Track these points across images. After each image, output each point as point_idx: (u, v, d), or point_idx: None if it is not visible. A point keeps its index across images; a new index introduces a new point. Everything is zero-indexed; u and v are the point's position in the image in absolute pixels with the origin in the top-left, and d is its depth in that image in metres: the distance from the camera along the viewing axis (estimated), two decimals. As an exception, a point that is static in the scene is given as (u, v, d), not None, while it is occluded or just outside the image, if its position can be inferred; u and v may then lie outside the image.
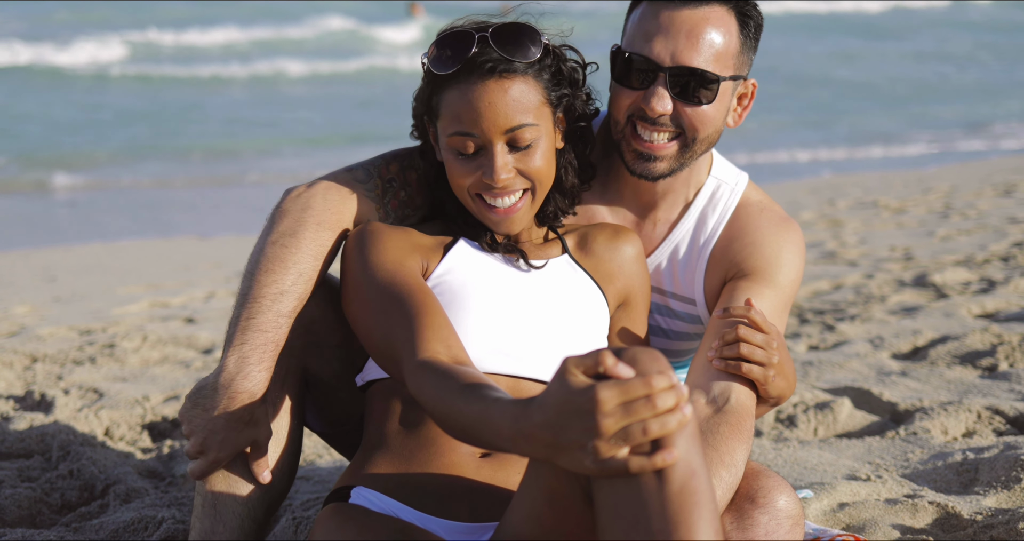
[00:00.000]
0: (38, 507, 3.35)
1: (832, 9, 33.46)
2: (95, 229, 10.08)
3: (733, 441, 2.34)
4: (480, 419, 1.93)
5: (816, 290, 6.38)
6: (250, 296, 2.44)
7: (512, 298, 2.46)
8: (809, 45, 25.48)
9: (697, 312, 2.77)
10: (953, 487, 3.24)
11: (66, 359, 5.34)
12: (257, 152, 14.12)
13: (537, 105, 2.40)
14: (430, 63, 2.41)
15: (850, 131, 15.97)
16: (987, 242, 7.47)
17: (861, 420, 3.94)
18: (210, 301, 6.98)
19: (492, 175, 2.38)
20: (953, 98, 18.93)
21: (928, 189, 10.86)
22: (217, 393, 2.38)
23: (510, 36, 2.39)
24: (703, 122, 2.59)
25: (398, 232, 2.49)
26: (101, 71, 20.49)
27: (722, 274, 2.72)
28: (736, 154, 12.57)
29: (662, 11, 2.56)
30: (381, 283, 2.36)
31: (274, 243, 2.48)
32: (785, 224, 2.75)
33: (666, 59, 2.54)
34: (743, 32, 2.61)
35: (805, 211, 9.80)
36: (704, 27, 2.55)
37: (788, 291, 2.67)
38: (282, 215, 2.53)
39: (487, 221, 2.47)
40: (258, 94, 19.17)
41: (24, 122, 15.63)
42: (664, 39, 2.54)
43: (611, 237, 2.66)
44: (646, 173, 2.64)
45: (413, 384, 2.16)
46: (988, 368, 4.46)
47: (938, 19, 31.73)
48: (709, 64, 2.56)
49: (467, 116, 2.37)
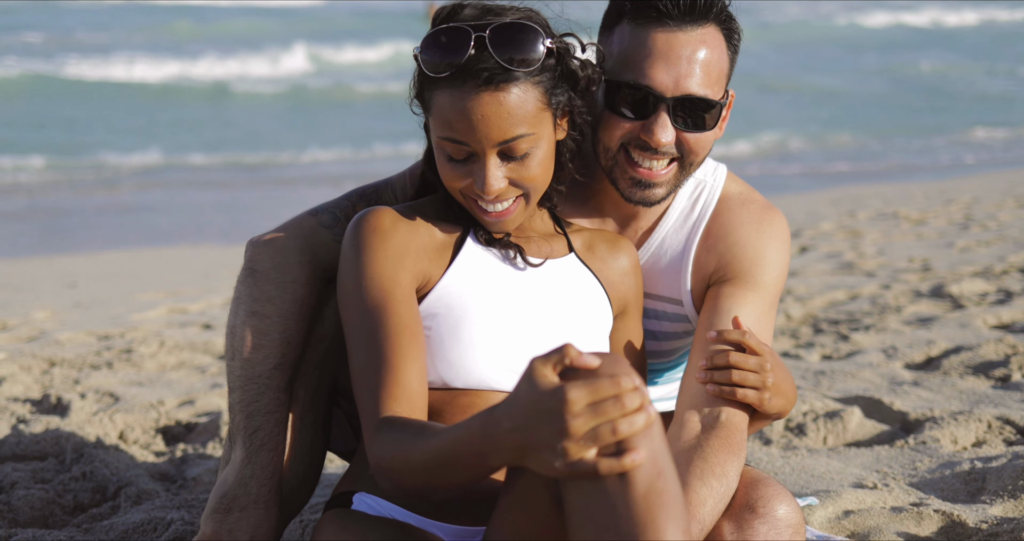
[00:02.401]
0: (51, 508, 3.39)
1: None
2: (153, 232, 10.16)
3: (723, 453, 2.33)
4: (445, 444, 1.92)
5: (832, 300, 6.37)
6: (246, 378, 2.43)
7: (520, 310, 2.36)
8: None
9: (684, 312, 2.70)
10: (960, 496, 3.24)
11: (83, 363, 5.39)
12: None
13: (535, 112, 2.23)
14: (421, 60, 2.22)
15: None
16: (1006, 253, 7.44)
17: (871, 429, 3.94)
18: (228, 308, 7.02)
19: (483, 187, 2.24)
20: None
21: (949, 200, 10.82)
22: (248, 486, 2.41)
23: (511, 39, 2.19)
24: (704, 146, 2.51)
25: (403, 231, 2.34)
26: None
27: (706, 274, 2.65)
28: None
29: (655, 34, 2.42)
30: (369, 306, 2.26)
31: (254, 314, 2.45)
32: (767, 217, 2.66)
33: (669, 88, 2.41)
34: (730, 47, 2.51)
35: (824, 222, 9.79)
36: (701, 49, 2.42)
37: (773, 290, 2.61)
38: (254, 277, 2.48)
39: (480, 220, 2.35)
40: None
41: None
42: (665, 66, 2.41)
43: (611, 245, 2.58)
44: (645, 200, 2.54)
45: (379, 450, 2.10)
46: (1001, 379, 4.44)
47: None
48: (710, 89, 2.44)
49: (459, 125, 2.20)
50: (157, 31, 26.71)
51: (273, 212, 9.93)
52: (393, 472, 2.06)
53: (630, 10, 2.45)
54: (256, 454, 2.41)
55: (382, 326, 2.24)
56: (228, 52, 23.00)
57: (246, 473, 2.40)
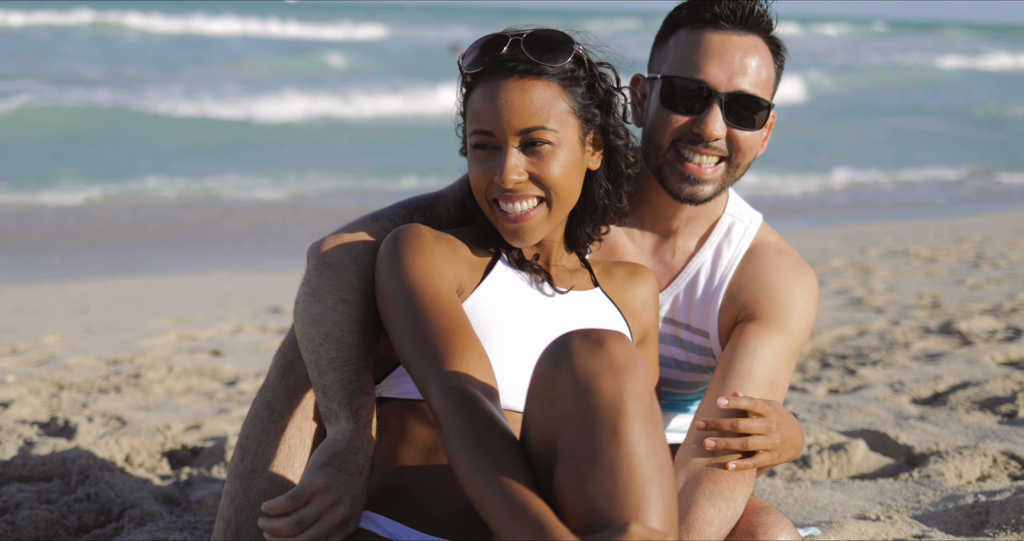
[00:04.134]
0: (55, 529, 3.39)
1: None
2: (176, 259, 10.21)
3: (734, 479, 2.36)
4: (503, 514, 1.90)
5: (840, 335, 6.36)
6: (343, 359, 2.42)
7: (543, 334, 2.38)
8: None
9: (711, 345, 2.75)
10: (963, 529, 3.23)
11: (91, 387, 5.42)
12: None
13: (560, 113, 2.32)
14: (462, 62, 2.37)
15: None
16: (1016, 291, 7.43)
17: (875, 462, 3.93)
18: (237, 335, 7.05)
19: (502, 175, 2.31)
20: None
21: (961, 239, 10.82)
22: (357, 455, 2.36)
23: (543, 41, 2.33)
24: (751, 147, 2.62)
25: (439, 239, 2.41)
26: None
27: (735, 312, 2.70)
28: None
29: (711, 35, 2.58)
30: (415, 291, 2.30)
31: (343, 301, 2.45)
32: (801, 269, 2.74)
33: (723, 83, 2.55)
34: (776, 62, 2.65)
35: (835, 258, 9.79)
36: (752, 53, 2.58)
37: (797, 338, 2.65)
38: (332, 269, 2.50)
39: (502, 231, 2.40)
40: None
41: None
42: (719, 63, 2.56)
43: (631, 274, 2.63)
44: (692, 196, 2.63)
45: (440, 405, 2.11)
46: (1008, 414, 4.44)
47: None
48: (759, 90, 2.59)
49: (485, 113, 2.31)
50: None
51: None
52: (450, 456, 2.04)
53: (685, 17, 2.62)
54: (363, 430, 2.39)
55: (434, 302, 2.27)
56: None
57: (356, 444, 2.37)
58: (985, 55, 45.38)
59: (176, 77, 26.61)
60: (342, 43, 40.40)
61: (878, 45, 56.33)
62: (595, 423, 1.85)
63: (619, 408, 1.84)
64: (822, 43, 55.87)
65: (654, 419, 1.87)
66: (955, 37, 74.01)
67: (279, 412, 2.54)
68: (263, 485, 2.49)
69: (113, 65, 28.97)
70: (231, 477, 2.55)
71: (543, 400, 1.93)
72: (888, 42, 60.81)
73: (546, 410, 1.92)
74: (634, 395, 1.85)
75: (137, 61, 30.82)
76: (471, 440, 2.00)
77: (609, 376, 1.86)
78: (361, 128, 21.09)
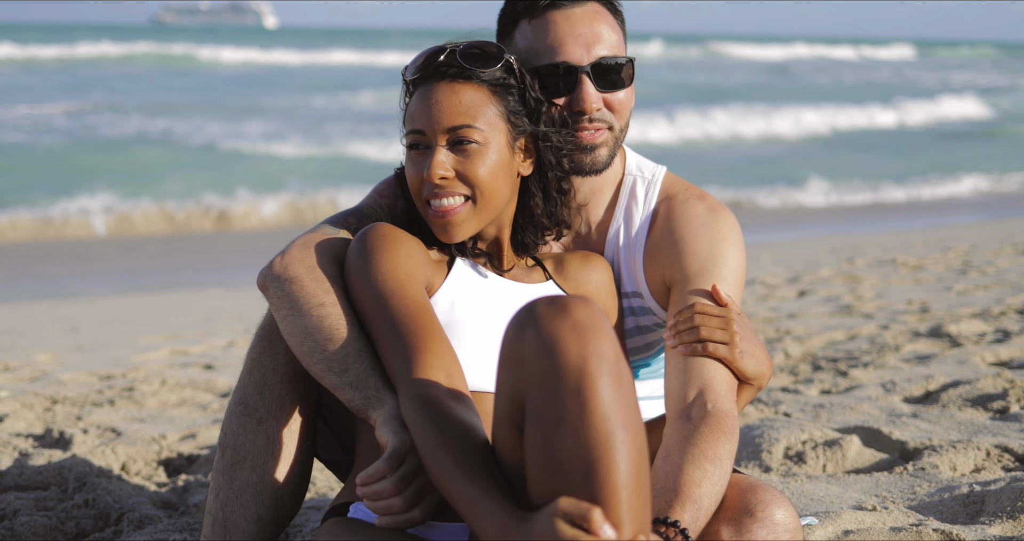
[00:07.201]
0: (53, 535, 3.39)
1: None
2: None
3: (714, 438, 2.36)
4: (470, 506, 2.01)
5: (830, 340, 6.39)
6: (354, 356, 2.42)
7: (503, 321, 2.48)
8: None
9: (647, 304, 2.78)
10: (959, 517, 3.25)
11: (85, 401, 5.41)
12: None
13: (490, 116, 2.48)
14: (405, 72, 2.55)
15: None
16: (1004, 296, 7.47)
17: (870, 457, 3.95)
18: (230, 349, 7.05)
19: (428, 170, 2.45)
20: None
21: (948, 248, 10.88)
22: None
23: (477, 50, 2.50)
24: (626, 105, 2.72)
25: (409, 239, 2.51)
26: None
27: (660, 271, 2.73)
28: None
29: (553, 16, 2.67)
30: (384, 294, 2.39)
31: (321, 304, 2.46)
32: (712, 214, 2.75)
33: (583, 56, 2.65)
34: (617, 19, 2.75)
35: (823, 268, 9.83)
36: (598, 20, 2.69)
37: (731, 278, 2.67)
38: (295, 283, 2.50)
39: (432, 227, 2.53)
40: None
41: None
42: (572, 39, 2.65)
43: (583, 262, 2.74)
44: (594, 164, 2.71)
45: (407, 412, 2.22)
46: (999, 410, 4.46)
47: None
48: (615, 50, 2.69)
49: (418, 114, 2.48)
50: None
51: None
52: (423, 455, 2.15)
53: (524, 9, 2.71)
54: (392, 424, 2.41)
55: (406, 306, 2.37)
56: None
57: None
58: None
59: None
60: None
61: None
62: (560, 384, 1.88)
63: (583, 368, 1.87)
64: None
65: (620, 378, 1.89)
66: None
67: (252, 405, 2.58)
68: (245, 476, 2.55)
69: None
70: (214, 474, 2.60)
71: (511, 365, 1.97)
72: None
73: (513, 374, 1.96)
74: (598, 355, 1.88)
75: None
76: (435, 444, 2.11)
77: (572, 336, 1.89)
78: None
